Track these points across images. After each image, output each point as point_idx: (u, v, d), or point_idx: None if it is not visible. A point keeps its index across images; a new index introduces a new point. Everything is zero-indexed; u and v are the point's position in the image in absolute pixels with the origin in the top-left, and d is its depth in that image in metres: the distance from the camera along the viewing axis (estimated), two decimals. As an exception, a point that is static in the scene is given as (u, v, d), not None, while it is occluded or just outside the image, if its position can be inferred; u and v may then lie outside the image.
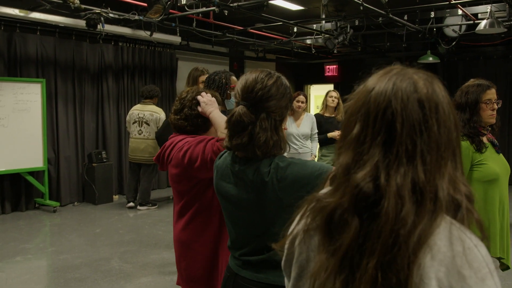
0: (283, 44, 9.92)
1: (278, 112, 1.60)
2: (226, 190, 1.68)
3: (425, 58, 9.07)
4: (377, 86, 0.93)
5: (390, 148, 0.88)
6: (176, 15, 7.10)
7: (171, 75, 9.21)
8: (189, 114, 2.31)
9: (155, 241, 5.59)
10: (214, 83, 3.22)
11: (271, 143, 1.56)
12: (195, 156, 2.10)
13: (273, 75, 1.63)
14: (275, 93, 1.60)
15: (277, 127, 1.60)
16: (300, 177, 1.51)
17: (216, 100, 2.40)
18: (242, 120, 1.56)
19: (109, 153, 8.04)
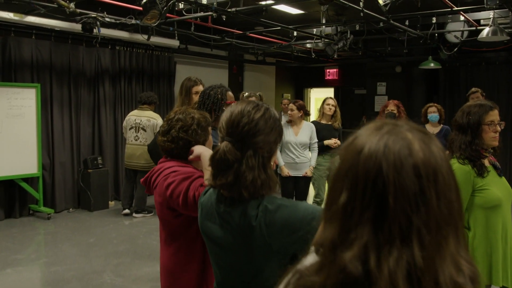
0: (283, 48, 9.80)
1: (266, 148, 1.48)
2: (211, 231, 1.57)
3: (426, 64, 8.96)
4: (366, 146, 0.80)
5: (381, 225, 0.75)
6: (174, 19, 6.99)
7: (169, 79, 9.10)
8: (175, 136, 2.19)
9: (149, 252, 5.48)
10: (209, 99, 3.10)
11: (258, 183, 1.43)
12: (177, 193, 1.99)
13: (260, 108, 1.51)
14: (263, 127, 1.47)
15: (265, 165, 1.48)
16: (290, 222, 1.39)
17: (206, 121, 2.30)
18: (227, 158, 1.44)
19: (105, 159, 7.92)
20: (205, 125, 2.25)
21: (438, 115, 6.24)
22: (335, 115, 5.89)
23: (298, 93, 13.33)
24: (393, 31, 8.24)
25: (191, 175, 2.03)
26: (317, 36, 8.30)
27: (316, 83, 13.32)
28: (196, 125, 2.21)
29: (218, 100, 3.11)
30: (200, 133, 2.21)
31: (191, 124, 2.20)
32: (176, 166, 2.13)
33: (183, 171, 2.07)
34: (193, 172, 2.07)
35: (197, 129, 2.20)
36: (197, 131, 2.19)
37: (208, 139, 2.28)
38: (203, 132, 2.23)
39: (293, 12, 8.23)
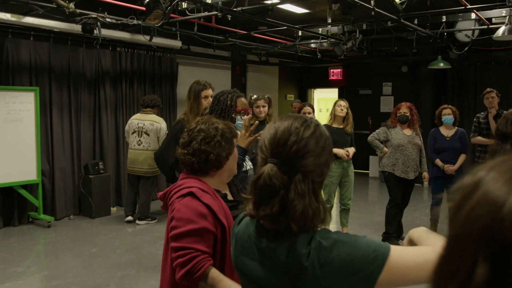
0: (288, 48, 9.57)
1: (317, 171, 1.24)
2: (249, 269, 1.32)
3: (435, 63, 8.74)
4: (509, 201, 0.55)
5: None
6: (177, 20, 6.75)
7: (171, 81, 8.85)
8: (197, 149, 1.96)
9: (155, 263, 5.23)
10: (218, 105, 2.88)
11: (310, 213, 1.19)
12: (174, 246, 1.84)
13: (310, 124, 1.28)
14: (313, 147, 1.24)
15: (316, 191, 1.24)
16: (350, 261, 1.15)
17: (231, 132, 2.06)
18: (272, 184, 1.20)
19: (107, 164, 7.68)
20: (230, 136, 2.03)
21: (453, 117, 6.00)
22: (347, 118, 5.64)
23: (301, 94, 13.10)
24: (401, 30, 8.02)
25: (199, 230, 1.82)
26: (324, 35, 8.07)
27: (320, 83, 13.09)
28: (220, 136, 1.99)
29: (227, 106, 2.89)
30: (224, 146, 1.99)
31: (215, 135, 1.98)
32: (196, 188, 1.90)
33: (195, 211, 1.84)
34: (204, 216, 1.84)
35: (221, 140, 1.98)
36: (220, 143, 1.98)
37: (233, 152, 2.05)
38: (228, 145, 2.01)
39: (298, 12, 8.01)
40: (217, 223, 1.85)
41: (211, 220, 1.84)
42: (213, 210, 1.85)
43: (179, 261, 1.77)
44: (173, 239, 1.82)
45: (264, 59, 10.92)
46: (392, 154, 5.73)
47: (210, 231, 1.83)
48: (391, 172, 5.75)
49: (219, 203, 1.92)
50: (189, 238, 1.79)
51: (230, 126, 2.08)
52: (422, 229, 1.32)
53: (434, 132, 6.13)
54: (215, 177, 2.02)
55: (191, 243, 1.78)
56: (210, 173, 2.01)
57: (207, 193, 1.91)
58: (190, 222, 1.81)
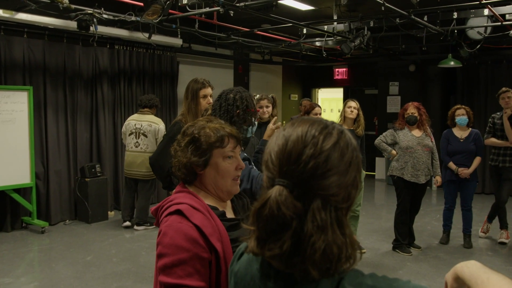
0: (292, 46, 9.27)
1: (342, 194, 0.92)
2: None
3: (446, 62, 8.42)
4: None
5: None
6: (177, 16, 6.46)
7: (171, 80, 8.56)
8: (173, 153, 1.71)
9: (152, 273, 4.92)
10: (222, 107, 2.52)
11: (335, 252, 0.88)
12: (162, 280, 1.50)
13: (331, 131, 0.95)
14: (337, 162, 0.92)
15: (342, 221, 0.91)
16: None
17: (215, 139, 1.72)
18: (282, 214, 0.89)
19: (104, 167, 7.38)
20: (205, 145, 1.66)
21: (467, 117, 5.70)
22: (358, 120, 5.32)
23: (305, 94, 12.78)
24: (410, 28, 7.71)
25: (191, 259, 1.48)
26: (330, 33, 7.76)
27: (324, 83, 12.78)
28: (189, 142, 1.68)
29: (232, 107, 2.53)
30: (189, 155, 1.65)
31: (183, 139, 1.71)
32: (185, 206, 1.58)
33: (184, 235, 1.50)
34: (195, 241, 1.51)
35: (186, 147, 1.67)
36: (186, 149, 1.67)
37: (209, 163, 1.68)
38: (197, 152, 1.66)
39: (303, 8, 7.71)
40: (210, 248, 1.54)
41: (203, 244, 1.52)
42: (205, 233, 1.53)
43: None
44: (162, 271, 1.49)
45: (267, 57, 10.62)
46: (401, 157, 5.42)
47: (203, 258, 1.51)
48: (400, 177, 5.43)
49: (213, 223, 1.59)
50: (179, 271, 1.46)
51: (217, 130, 1.69)
52: (475, 265, 0.97)
53: (447, 133, 5.83)
54: (204, 191, 1.71)
55: (183, 278, 1.46)
56: (195, 184, 1.71)
57: (198, 211, 1.58)
58: (179, 249, 1.48)
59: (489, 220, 6.15)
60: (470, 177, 5.64)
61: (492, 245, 5.95)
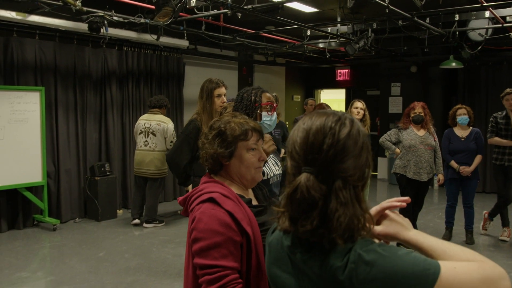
0: (296, 47, 9.42)
1: (357, 173, 1.11)
2: (282, 281, 1.20)
3: (447, 63, 8.57)
4: None
5: None
6: (184, 18, 6.61)
7: (178, 81, 8.71)
8: (200, 147, 1.87)
9: (165, 268, 5.09)
10: (242, 102, 2.70)
11: (356, 223, 1.07)
12: (199, 263, 1.64)
13: (345, 121, 1.13)
14: (352, 148, 1.10)
15: (359, 197, 1.11)
16: (395, 279, 1.00)
17: (240, 132, 1.86)
18: (311, 196, 1.07)
19: (113, 166, 7.54)
20: (231, 138, 1.82)
21: (468, 117, 5.85)
22: (364, 120, 5.48)
23: (308, 95, 12.93)
24: (413, 29, 7.86)
25: (225, 242, 1.62)
26: (334, 35, 7.91)
27: (327, 84, 12.93)
28: (216, 135, 1.83)
29: (252, 102, 2.70)
30: (216, 146, 1.81)
31: (211, 132, 1.85)
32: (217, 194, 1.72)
33: (218, 221, 1.64)
34: (229, 226, 1.65)
35: (213, 140, 1.83)
36: (212, 141, 1.83)
37: (235, 154, 1.84)
38: (223, 144, 1.82)
39: (307, 11, 7.86)
40: (241, 232, 1.69)
41: (235, 228, 1.67)
42: (237, 218, 1.68)
43: (207, 278, 1.59)
44: (197, 254, 1.64)
45: (271, 59, 10.78)
46: (404, 155, 5.58)
47: (236, 241, 1.66)
48: (403, 174, 5.59)
49: (243, 209, 1.74)
50: (215, 253, 1.61)
51: (241, 125, 1.85)
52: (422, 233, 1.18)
53: (448, 133, 5.98)
54: (229, 181, 1.86)
55: (218, 259, 1.61)
56: (220, 173, 1.86)
57: (229, 198, 1.73)
58: (214, 233, 1.63)
59: (491, 217, 6.29)
60: (472, 175, 5.79)
61: (493, 241, 6.09)
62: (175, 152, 3.70)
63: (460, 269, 1.03)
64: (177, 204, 8.13)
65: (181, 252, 5.57)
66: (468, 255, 1.08)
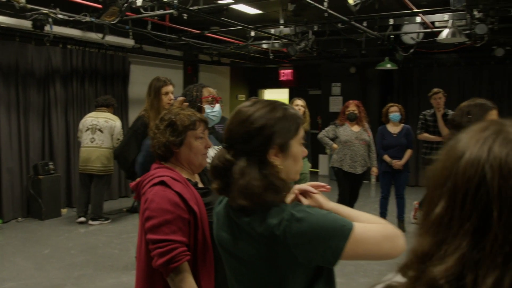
0: (240, 48, 9.66)
1: (256, 149, 1.35)
2: (228, 243, 1.43)
3: (383, 65, 9.08)
4: (468, 152, 0.70)
5: (482, 239, 0.65)
6: (130, 17, 6.69)
7: (123, 80, 8.73)
8: (152, 136, 2.07)
9: (112, 262, 5.19)
10: (186, 98, 2.92)
11: (254, 186, 1.30)
12: (152, 238, 1.86)
13: (246, 112, 1.39)
14: (245, 131, 1.36)
15: (261, 166, 1.34)
16: (319, 232, 1.26)
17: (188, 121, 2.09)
18: (217, 165, 1.40)
19: (57, 164, 7.48)
20: (181, 128, 2.03)
21: (400, 114, 6.29)
22: (304, 117, 5.79)
23: (252, 94, 13.17)
24: (350, 32, 8.29)
25: (175, 219, 1.85)
26: (276, 36, 8.21)
27: (271, 84, 13.26)
28: (167, 125, 2.04)
29: (194, 98, 2.94)
30: (168, 135, 2.02)
31: (162, 123, 2.06)
32: (167, 177, 1.93)
33: (168, 200, 1.86)
34: (178, 205, 1.88)
35: (165, 129, 2.04)
36: (164, 131, 2.03)
37: (185, 142, 2.05)
38: (175, 133, 2.03)
39: (251, 12, 8.12)
40: (189, 210, 1.90)
41: (184, 207, 1.88)
42: (185, 198, 1.90)
43: (158, 251, 1.80)
44: (150, 230, 1.84)
45: (216, 59, 10.96)
46: (341, 150, 5.97)
47: (184, 218, 1.88)
48: (339, 168, 5.98)
49: (190, 191, 1.96)
50: (166, 229, 1.82)
51: (190, 116, 2.07)
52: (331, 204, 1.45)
53: (381, 129, 6.40)
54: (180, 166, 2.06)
55: (169, 234, 1.82)
56: (171, 161, 2.06)
57: (178, 181, 1.95)
58: (165, 212, 1.84)
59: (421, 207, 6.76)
60: (403, 168, 6.24)
61: (423, 231, 6.55)
62: (124, 147, 3.84)
63: (369, 227, 1.31)
64: (123, 202, 8.19)
65: (128, 247, 5.67)
66: (375, 219, 1.38)
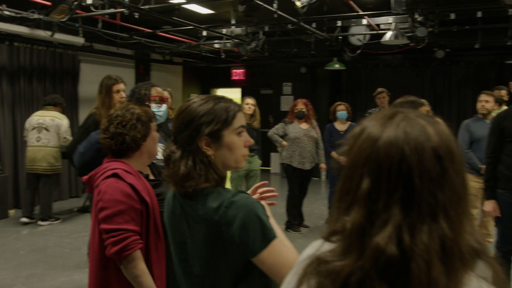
0: (192, 47, 9.72)
1: (190, 141, 1.48)
2: (176, 226, 1.55)
3: (331, 65, 9.37)
4: (384, 135, 0.84)
5: (410, 205, 0.80)
6: (80, 15, 6.64)
7: (73, 78, 8.62)
8: (114, 132, 2.11)
9: (63, 261, 5.16)
10: (134, 96, 3.02)
11: (192, 173, 1.44)
12: (106, 228, 1.95)
13: (184, 109, 1.52)
14: (182, 124, 1.50)
15: (196, 156, 1.47)
16: (253, 219, 1.39)
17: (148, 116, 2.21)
18: (166, 154, 1.53)
19: (4, 164, 7.31)
20: (146, 120, 2.18)
21: (347, 113, 6.55)
22: (255, 115, 5.97)
23: (204, 93, 13.23)
24: (300, 33, 8.51)
25: (127, 210, 1.95)
26: (228, 36, 8.33)
27: (223, 83, 13.36)
28: (136, 119, 2.14)
29: (142, 96, 3.04)
30: (140, 128, 2.13)
31: (130, 119, 2.14)
32: (120, 170, 2.03)
33: (121, 192, 1.96)
34: (130, 196, 1.98)
35: (136, 123, 2.13)
36: (136, 125, 2.13)
37: (150, 134, 2.19)
38: (144, 127, 2.15)
39: (203, 12, 8.20)
40: (141, 201, 2.00)
41: (136, 198, 1.98)
42: (137, 189, 2.00)
43: (112, 240, 1.89)
44: (103, 220, 1.93)
45: (168, 58, 10.97)
46: (290, 146, 6.16)
47: (136, 209, 1.97)
48: (289, 164, 6.18)
49: (142, 182, 2.06)
50: (119, 219, 1.91)
51: (147, 110, 2.24)
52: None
53: (329, 127, 6.64)
54: (136, 159, 2.16)
55: (122, 224, 1.91)
56: (130, 155, 2.14)
57: (130, 173, 2.05)
58: (118, 203, 1.94)
59: None
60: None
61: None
62: (75, 144, 3.84)
63: (287, 249, 1.42)
64: (73, 202, 8.09)
65: (80, 246, 5.64)
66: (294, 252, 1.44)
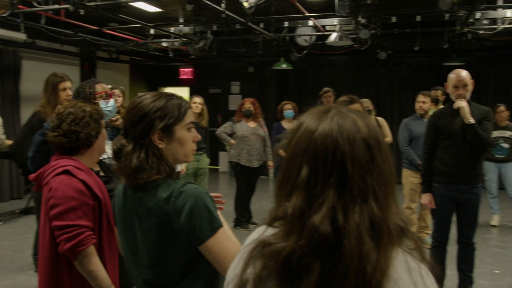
0: (139, 46, 9.62)
1: (142, 135, 1.54)
2: (127, 219, 1.60)
3: (278, 65, 9.53)
4: (320, 127, 0.96)
5: (344, 189, 0.91)
6: (22, 11, 6.44)
7: (14, 76, 8.33)
8: (67, 130, 2.11)
9: (5, 263, 5.01)
10: (79, 96, 3.01)
11: (135, 165, 1.51)
12: (58, 225, 1.95)
13: (137, 104, 1.59)
14: (134, 119, 1.56)
15: (147, 150, 1.53)
16: (201, 208, 1.48)
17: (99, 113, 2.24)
18: (115, 147, 1.59)
19: None
20: (97, 117, 2.21)
21: (293, 111, 6.70)
22: (203, 114, 6.01)
23: (152, 92, 13.14)
24: (249, 33, 8.61)
25: (80, 206, 1.97)
26: (176, 35, 8.31)
27: (171, 82, 13.27)
28: (89, 117, 2.16)
29: (87, 94, 3.03)
30: (93, 125, 2.16)
31: (83, 116, 2.15)
32: (71, 167, 2.04)
33: (73, 188, 1.98)
34: (82, 192, 2.00)
35: (89, 121, 2.15)
36: (89, 123, 2.15)
37: (101, 131, 2.22)
38: (96, 124, 2.19)
39: (150, 10, 8.14)
40: (94, 197, 2.03)
41: (88, 194, 2.00)
42: (89, 185, 2.02)
43: (65, 237, 1.90)
44: (55, 217, 1.93)
45: (114, 56, 10.79)
46: (238, 145, 6.26)
47: (89, 204, 2.00)
48: (237, 162, 6.27)
49: (93, 178, 2.09)
50: (71, 215, 1.93)
51: (97, 108, 2.28)
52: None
53: (277, 126, 6.76)
54: (87, 156, 2.18)
55: (75, 220, 1.93)
56: (81, 152, 2.15)
57: (82, 170, 2.06)
58: (70, 199, 1.95)
59: None
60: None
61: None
62: (19, 143, 3.78)
63: (231, 242, 1.52)
64: (15, 204, 7.85)
65: (23, 248, 5.50)
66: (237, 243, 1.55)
